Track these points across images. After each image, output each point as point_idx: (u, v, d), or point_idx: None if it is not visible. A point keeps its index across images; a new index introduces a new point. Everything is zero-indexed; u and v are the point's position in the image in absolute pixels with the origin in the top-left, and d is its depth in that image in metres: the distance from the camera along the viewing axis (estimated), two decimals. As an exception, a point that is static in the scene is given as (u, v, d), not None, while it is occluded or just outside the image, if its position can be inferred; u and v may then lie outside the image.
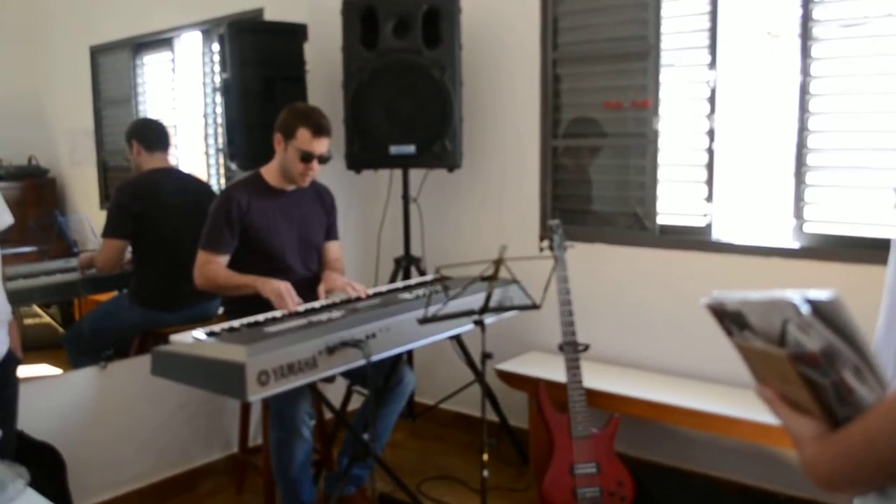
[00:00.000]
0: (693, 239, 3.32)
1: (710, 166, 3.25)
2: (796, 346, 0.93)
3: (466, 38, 3.61)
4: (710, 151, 3.24)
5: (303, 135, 2.91)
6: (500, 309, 2.79)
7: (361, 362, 2.40)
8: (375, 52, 3.49)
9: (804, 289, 0.93)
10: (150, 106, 4.01)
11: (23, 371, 3.52)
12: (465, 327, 2.78)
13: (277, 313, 2.73)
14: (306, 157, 2.93)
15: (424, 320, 2.51)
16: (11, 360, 2.10)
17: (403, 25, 3.49)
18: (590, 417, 3.00)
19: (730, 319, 1.03)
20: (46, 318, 3.74)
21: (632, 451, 3.45)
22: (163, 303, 3.47)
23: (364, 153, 3.57)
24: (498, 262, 2.54)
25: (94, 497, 3.15)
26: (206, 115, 4.14)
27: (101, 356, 3.40)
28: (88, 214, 3.67)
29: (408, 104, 3.50)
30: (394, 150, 3.52)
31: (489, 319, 2.79)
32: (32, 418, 2.95)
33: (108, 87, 3.93)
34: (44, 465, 2.88)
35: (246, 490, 3.49)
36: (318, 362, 2.33)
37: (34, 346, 3.68)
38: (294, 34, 3.72)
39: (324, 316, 2.61)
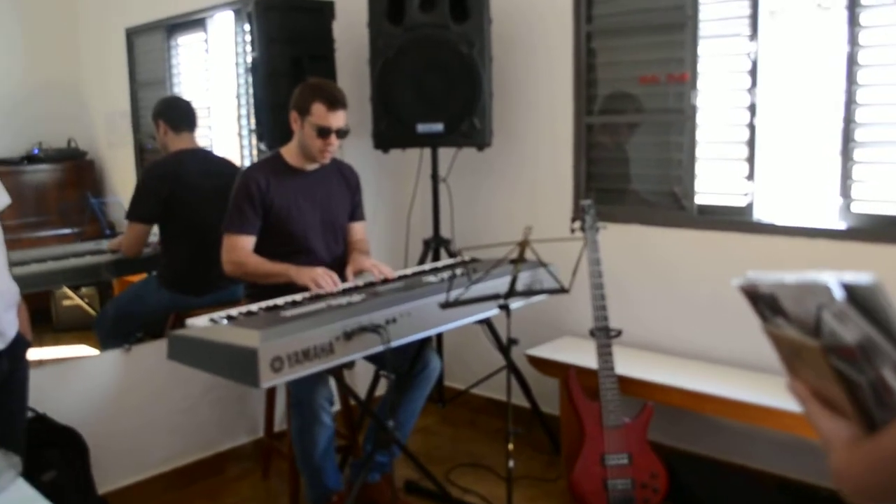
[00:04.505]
0: (733, 219, 3.16)
1: (751, 143, 3.09)
2: (831, 336, 0.82)
3: (496, 12, 3.48)
4: (752, 127, 3.07)
5: (318, 109, 2.83)
6: (528, 293, 2.68)
7: (380, 348, 2.32)
8: (402, 27, 3.38)
9: (843, 271, 0.81)
10: (185, 87, 4.00)
11: (59, 352, 3.57)
12: (492, 311, 2.68)
13: (298, 296, 2.66)
14: (324, 133, 2.85)
15: (446, 305, 2.42)
16: (21, 344, 2.06)
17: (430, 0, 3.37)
18: (622, 406, 2.88)
19: (763, 303, 0.93)
20: (84, 300, 3.75)
21: (666, 441, 3.33)
22: (190, 286, 3.44)
23: (391, 132, 3.48)
24: (523, 245, 2.44)
25: (118, 481, 3.14)
26: (238, 96, 4.10)
27: (129, 339, 3.38)
28: (124, 196, 3.64)
29: (435, 81, 3.39)
30: (421, 128, 3.42)
31: (515, 304, 2.70)
32: (56, 402, 2.94)
33: (143, 69, 3.93)
34: (66, 448, 2.88)
35: (272, 475, 3.46)
36: (334, 348, 2.25)
37: (72, 326, 3.70)
38: (321, 12, 3.64)
39: (343, 300, 2.53)
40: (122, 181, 3.71)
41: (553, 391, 3.51)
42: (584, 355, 3.18)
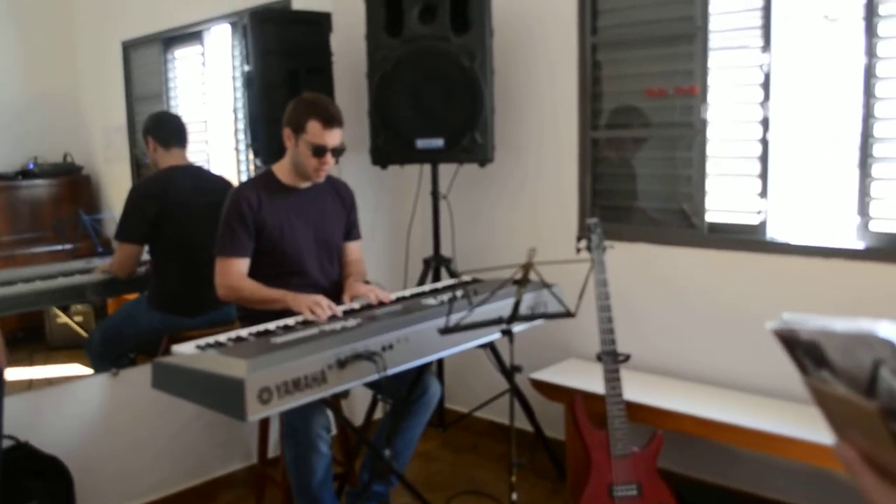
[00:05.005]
0: (745, 238, 3.04)
1: (763, 158, 2.96)
2: (890, 397, 0.69)
3: (498, 23, 3.37)
4: (765, 142, 2.95)
5: (313, 127, 2.71)
6: (531, 317, 2.55)
7: (375, 377, 2.20)
8: (400, 39, 3.27)
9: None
10: (181, 101, 3.91)
11: (54, 371, 3.46)
12: (494, 336, 2.56)
13: (291, 320, 2.54)
14: (319, 151, 2.74)
15: (446, 330, 2.30)
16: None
17: (430, 10, 3.26)
18: (630, 434, 2.75)
19: (803, 351, 0.80)
20: (78, 318, 3.65)
21: (676, 468, 3.19)
22: (182, 307, 3.32)
23: (389, 147, 3.36)
24: (527, 267, 2.32)
25: (105, 510, 3.01)
26: (235, 110, 4.01)
27: (122, 361, 3.27)
28: (119, 212, 3.56)
29: (435, 94, 3.28)
30: (420, 143, 3.30)
31: (519, 328, 2.58)
32: (40, 428, 2.83)
33: (139, 83, 3.87)
34: (49, 478, 2.75)
35: (266, 502, 3.32)
36: (327, 377, 2.13)
37: (66, 344, 3.59)
38: (318, 23, 3.55)
39: (338, 325, 2.41)
40: (118, 197, 3.61)
41: (558, 415, 3.37)
42: (590, 379, 3.05)
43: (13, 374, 3.22)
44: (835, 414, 0.79)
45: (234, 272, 2.75)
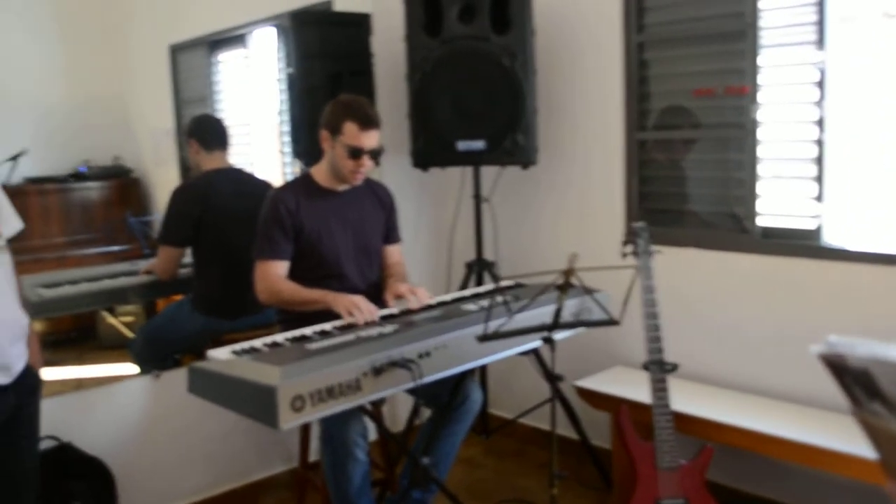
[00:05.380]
0: (800, 244, 2.91)
1: (819, 160, 2.84)
2: None
3: (540, 22, 3.30)
4: (820, 143, 2.83)
5: (349, 129, 2.68)
6: (574, 324, 2.48)
7: (410, 385, 2.15)
8: (439, 39, 3.22)
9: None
10: (226, 104, 3.93)
11: (101, 370, 3.49)
12: (535, 343, 2.49)
13: (327, 326, 2.50)
14: (355, 153, 2.70)
15: (485, 338, 2.24)
16: (30, 377, 1.94)
17: (469, 10, 3.20)
18: (678, 446, 2.65)
19: (853, 379, 0.73)
20: (128, 318, 3.68)
21: (726, 481, 3.08)
22: (223, 309, 3.33)
23: (430, 149, 3.31)
24: (568, 273, 2.25)
25: (146, 513, 3.03)
26: (280, 113, 4.01)
27: (166, 363, 3.29)
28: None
29: (476, 96, 3.22)
30: (461, 145, 3.25)
31: (561, 335, 2.50)
32: (82, 430, 2.86)
33: (186, 86, 3.91)
34: (92, 479, 2.78)
35: (306, 508, 3.30)
36: (362, 385, 2.09)
37: (117, 344, 3.64)
38: (359, 25, 3.53)
39: (374, 331, 2.37)
40: (167, 199, 3.66)
41: (604, 422, 3.29)
42: (636, 389, 2.95)
43: (63, 373, 3.28)
44: (888, 452, 0.71)
45: (273, 275, 2.74)
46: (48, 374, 3.33)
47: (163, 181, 3.74)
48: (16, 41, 3.33)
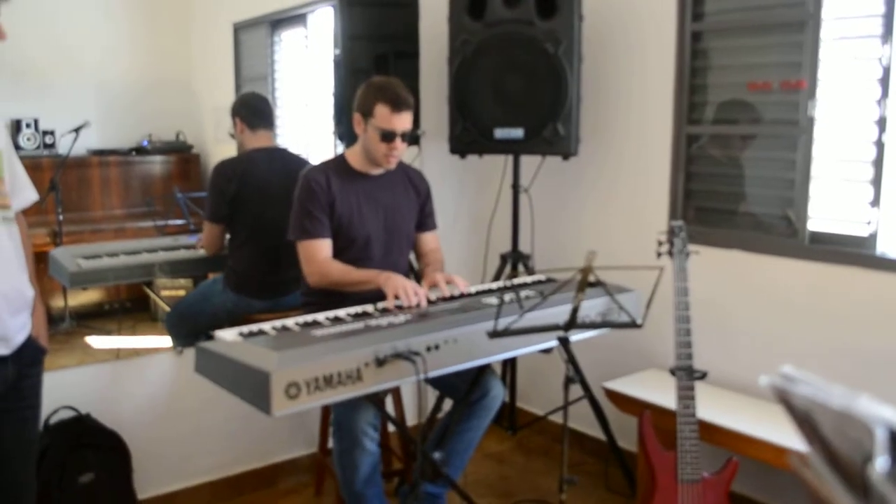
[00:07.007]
0: (852, 251, 2.72)
1: (878, 163, 2.64)
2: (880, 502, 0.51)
3: (588, 8, 3.16)
4: (880, 144, 2.63)
5: (381, 111, 2.61)
6: (591, 325, 2.37)
7: (413, 379, 2.08)
8: (483, 22, 3.12)
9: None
10: (285, 84, 3.92)
11: (149, 341, 3.54)
12: (553, 342, 2.38)
13: (341, 312, 2.45)
14: (388, 136, 2.63)
15: (494, 334, 2.15)
16: (31, 349, 1.94)
17: (515, -8, 3.09)
18: (701, 457, 2.51)
19: (798, 420, 0.63)
20: (181, 291, 3.72)
21: (752, 493, 2.92)
22: (253, 289, 3.31)
23: (468, 136, 3.22)
24: (586, 271, 2.14)
25: (161, 488, 3.04)
26: (334, 94, 3.97)
27: (199, 338, 3.30)
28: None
29: (517, 82, 3.11)
30: (499, 133, 3.14)
31: (583, 335, 2.40)
32: (102, 401, 2.88)
33: (247, 65, 3.92)
34: (107, 451, 2.79)
35: (325, 492, 3.28)
36: (363, 375, 2.03)
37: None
38: (407, 6, 3.44)
39: (384, 320, 2.30)
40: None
41: (634, 425, 3.16)
42: (665, 394, 2.82)
43: (106, 342, 3.34)
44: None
45: (321, 256, 2.67)
46: (94, 342, 3.42)
47: (222, 158, 3.77)
48: (87, 18, 3.39)
